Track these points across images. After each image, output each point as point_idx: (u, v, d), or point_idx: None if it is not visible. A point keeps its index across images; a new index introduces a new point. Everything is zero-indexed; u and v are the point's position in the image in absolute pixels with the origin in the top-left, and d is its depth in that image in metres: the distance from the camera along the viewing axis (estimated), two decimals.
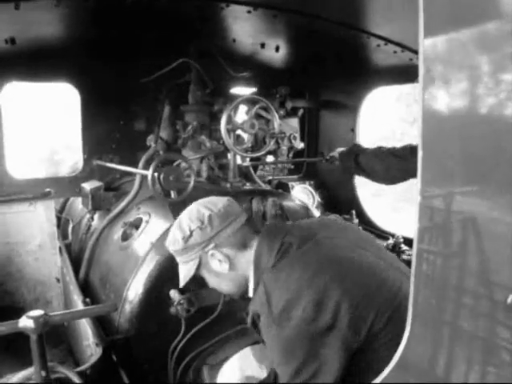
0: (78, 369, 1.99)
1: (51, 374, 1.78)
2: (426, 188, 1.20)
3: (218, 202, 2.20)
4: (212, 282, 2.25)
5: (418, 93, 1.14)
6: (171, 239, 2.20)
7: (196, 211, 2.16)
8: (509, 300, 1.25)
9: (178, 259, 2.22)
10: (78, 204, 4.18)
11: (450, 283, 1.30)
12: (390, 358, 1.31)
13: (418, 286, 1.24)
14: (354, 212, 4.13)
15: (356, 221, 4.10)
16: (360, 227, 3.78)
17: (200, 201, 2.26)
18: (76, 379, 1.89)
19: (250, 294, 2.15)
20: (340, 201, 4.70)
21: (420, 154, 1.16)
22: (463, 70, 1.25)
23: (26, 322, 1.69)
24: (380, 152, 3.43)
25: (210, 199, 2.24)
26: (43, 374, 1.72)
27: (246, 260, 2.12)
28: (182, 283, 2.23)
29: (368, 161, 3.46)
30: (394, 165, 3.30)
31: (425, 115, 1.15)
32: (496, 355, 1.40)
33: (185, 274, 2.20)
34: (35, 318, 1.70)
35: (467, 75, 1.26)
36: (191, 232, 2.10)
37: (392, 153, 3.36)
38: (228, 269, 2.13)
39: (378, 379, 1.28)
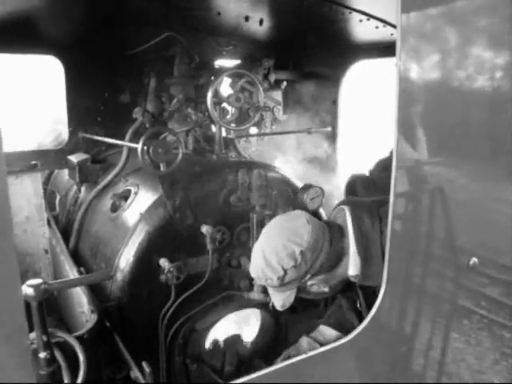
0: (76, 333, 2.09)
1: (51, 339, 1.88)
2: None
3: (301, 230, 2.10)
4: (311, 296, 2.24)
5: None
6: (261, 276, 2.15)
7: (283, 248, 2.07)
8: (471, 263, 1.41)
9: (272, 289, 2.20)
10: (63, 176, 4.20)
11: (420, 248, 1.44)
12: None
13: (393, 251, 1.37)
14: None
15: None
16: None
17: (280, 231, 2.17)
18: (74, 343, 1.99)
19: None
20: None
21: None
22: (437, 44, 1.36)
23: (26, 290, 1.77)
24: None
25: (291, 228, 2.13)
26: (44, 338, 1.81)
27: (344, 264, 2.12)
28: (279, 308, 2.20)
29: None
30: None
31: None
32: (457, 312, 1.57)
33: (283, 301, 2.17)
34: (35, 286, 1.78)
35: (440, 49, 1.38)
36: (285, 271, 2.06)
37: None
38: (328, 289, 2.16)
39: (354, 333, 1.41)
